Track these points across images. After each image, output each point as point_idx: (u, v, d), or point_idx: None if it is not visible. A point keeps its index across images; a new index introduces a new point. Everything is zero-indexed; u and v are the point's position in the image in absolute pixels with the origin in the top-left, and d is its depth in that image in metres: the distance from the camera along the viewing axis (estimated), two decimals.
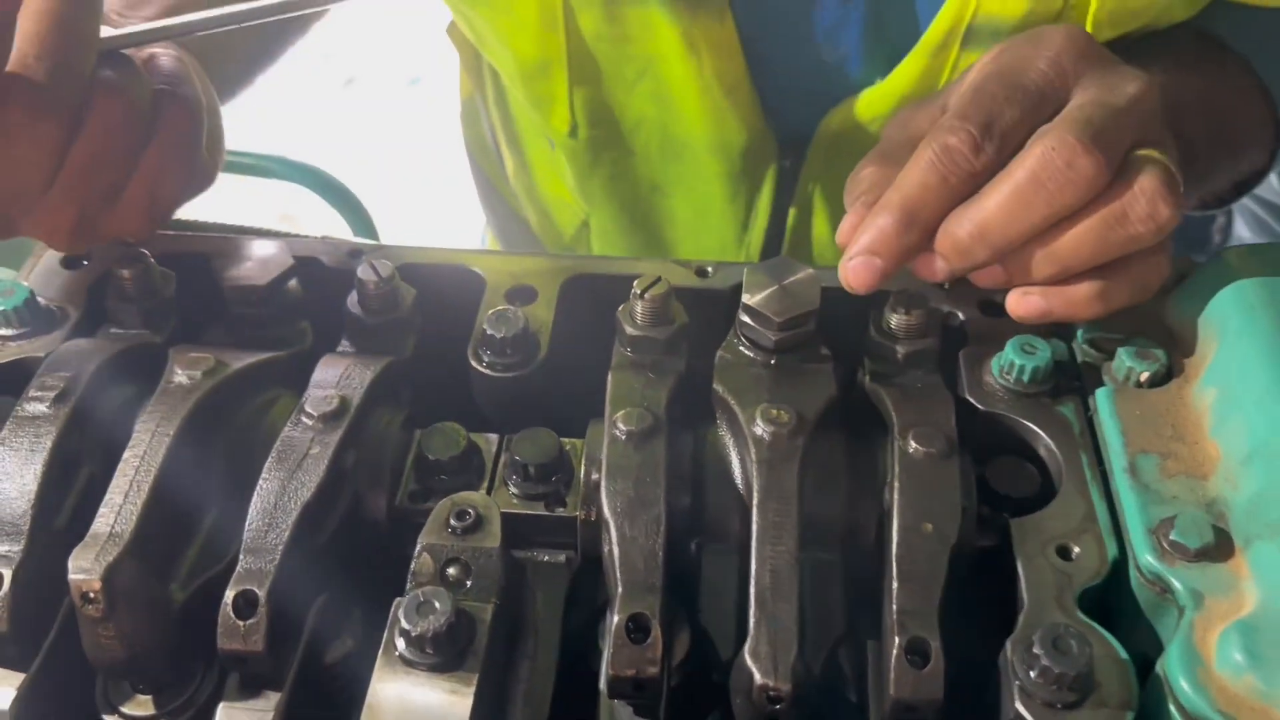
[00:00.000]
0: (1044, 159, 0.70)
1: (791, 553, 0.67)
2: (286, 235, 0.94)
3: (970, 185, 0.73)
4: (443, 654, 0.62)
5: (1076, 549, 0.68)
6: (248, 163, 1.53)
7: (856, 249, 0.74)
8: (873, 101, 1.07)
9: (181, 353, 0.77)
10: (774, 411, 0.72)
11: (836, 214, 0.98)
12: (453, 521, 0.69)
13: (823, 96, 1.09)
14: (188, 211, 0.91)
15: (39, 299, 0.83)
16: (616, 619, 0.64)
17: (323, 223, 1.77)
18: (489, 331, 0.79)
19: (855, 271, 0.74)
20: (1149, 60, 0.89)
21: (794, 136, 1.13)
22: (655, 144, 1.17)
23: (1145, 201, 0.70)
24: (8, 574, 0.67)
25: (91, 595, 0.65)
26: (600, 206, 1.27)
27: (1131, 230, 0.71)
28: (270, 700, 0.68)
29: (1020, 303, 0.76)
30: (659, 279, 0.79)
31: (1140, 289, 0.76)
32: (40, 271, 0.87)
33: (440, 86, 2.99)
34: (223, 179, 0.92)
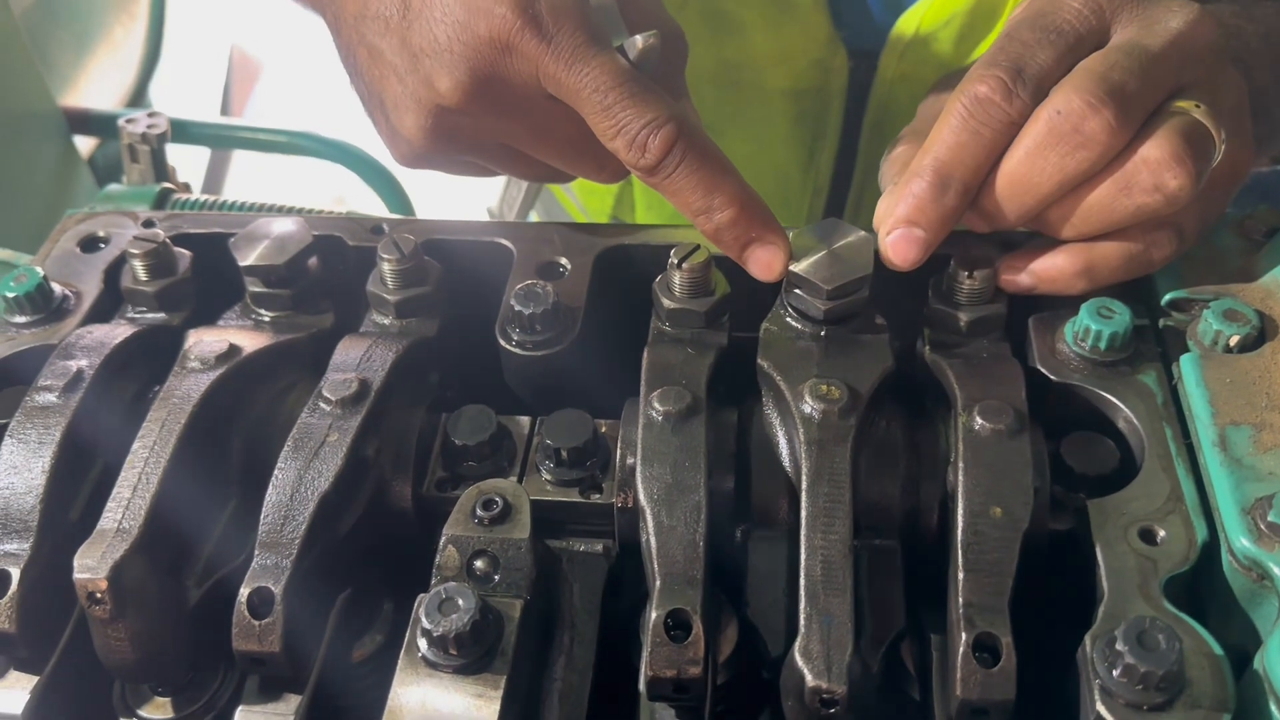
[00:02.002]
0: (1050, 123, 0.65)
1: (845, 541, 0.62)
2: (306, 212, 0.90)
3: (1008, 136, 0.67)
4: (468, 655, 0.58)
5: (1161, 532, 0.62)
6: (280, 140, 1.50)
7: (893, 220, 0.69)
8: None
9: (195, 337, 0.74)
10: (824, 387, 0.67)
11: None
12: (479, 511, 0.65)
13: None
14: (226, 190, 0.88)
15: (53, 284, 0.80)
16: (655, 615, 0.60)
17: (378, 202, 1.73)
18: (517, 308, 0.75)
19: (895, 246, 0.69)
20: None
21: (864, 45, 1.07)
22: (708, 73, 1.10)
23: (1149, 173, 0.65)
24: (15, 573, 0.64)
25: (98, 595, 0.61)
26: None
27: (1138, 200, 0.66)
28: (291, 703, 0.65)
29: (1003, 280, 0.73)
30: (697, 247, 0.73)
31: (1136, 265, 0.71)
32: (56, 255, 0.84)
33: None
34: (274, 159, 0.88)
